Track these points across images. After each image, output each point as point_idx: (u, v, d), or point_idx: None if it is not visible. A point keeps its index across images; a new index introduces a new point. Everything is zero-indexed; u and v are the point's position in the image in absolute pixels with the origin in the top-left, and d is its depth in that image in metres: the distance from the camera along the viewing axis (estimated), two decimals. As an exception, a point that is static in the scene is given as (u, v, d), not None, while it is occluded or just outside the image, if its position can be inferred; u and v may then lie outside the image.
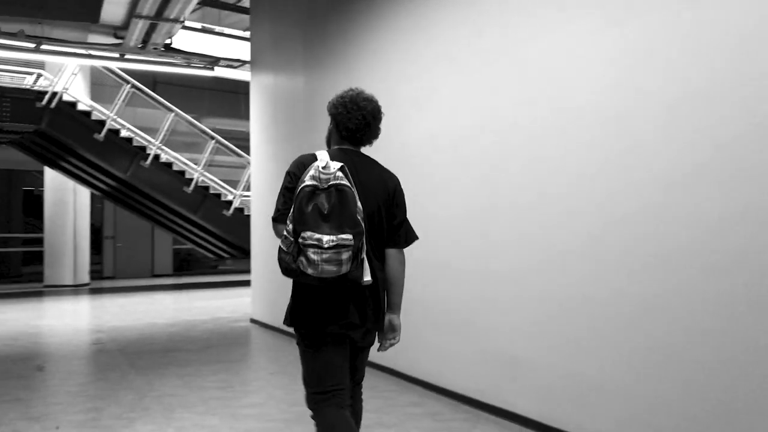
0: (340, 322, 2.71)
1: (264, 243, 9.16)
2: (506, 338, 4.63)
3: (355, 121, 2.89)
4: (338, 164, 2.63)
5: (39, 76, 13.18)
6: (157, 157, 13.60)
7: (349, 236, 2.53)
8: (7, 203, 18.17)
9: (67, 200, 15.07)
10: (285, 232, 2.63)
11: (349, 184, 2.60)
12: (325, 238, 2.49)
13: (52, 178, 15.05)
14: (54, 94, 12.43)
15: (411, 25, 5.78)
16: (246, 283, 16.40)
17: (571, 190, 4.11)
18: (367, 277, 2.67)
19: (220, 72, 11.31)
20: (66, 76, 12.61)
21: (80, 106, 12.97)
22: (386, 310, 2.90)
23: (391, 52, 6.10)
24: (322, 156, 2.67)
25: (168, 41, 9.53)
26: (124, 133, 13.37)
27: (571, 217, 4.10)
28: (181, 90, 17.35)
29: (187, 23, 11.90)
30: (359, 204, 2.62)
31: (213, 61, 10.46)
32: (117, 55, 9.81)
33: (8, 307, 11.31)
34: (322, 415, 2.75)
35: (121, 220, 17.85)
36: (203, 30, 12.38)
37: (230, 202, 14.43)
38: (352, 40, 6.79)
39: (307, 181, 2.58)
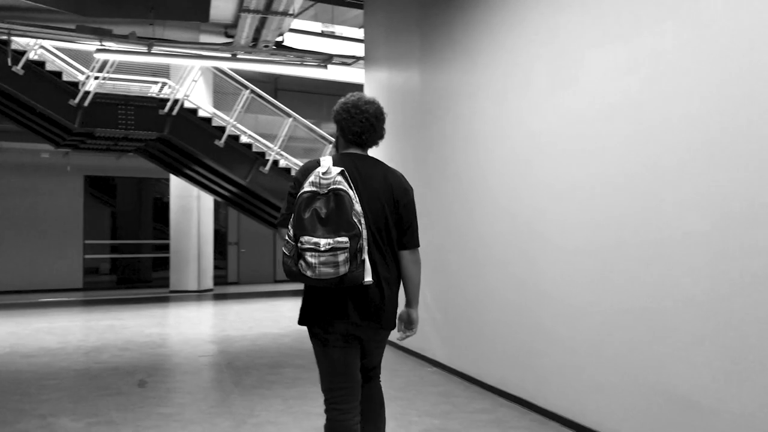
0: (342, 321, 2.79)
1: (380, 250, 8.42)
2: (682, 375, 3.57)
3: (359, 124, 2.94)
4: (338, 169, 2.70)
5: (164, 84, 13.15)
6: (276, 162, 13.26)
7: (345, 239, 2.58)
8: (138, 211, 18.56)
9: (191, 207, 15.05)
10: (287, 237, 2.70)
11: (346, 188, 2.65)
12: (322, 241, 2.57)
13: (176, 185, 15.07)
14: (175, 101, 12.31)
15: (546, 1, 4.83)
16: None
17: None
18: (368, 278, 2.70)
19: (334, 71, 10.71)
20: (187, 83, 12.48)
21: (201, 113, 12.81)
22: (406, 305, 3.07)
23: (523, 32, 5.16)
24: (325, 162, 2.74)
25: (279, 39, 9.00)
26: (243, 139, 13.13)
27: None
28: (301, 96, 17.05)
29: (299, 26, 11.45)
30: (357, 207, 2.67)
31: (326, 59, 9.87)
32: (229, 55, 9.41)
33: (130, 314, 11.21)
34: (328, 419, 2.86)
35: (245, 225, 17.77)
36: (314, 33, 11.87)
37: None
38: (473, 25, 5.90)
39: (306, 187, 2.67)
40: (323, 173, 2.68)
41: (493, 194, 5.62)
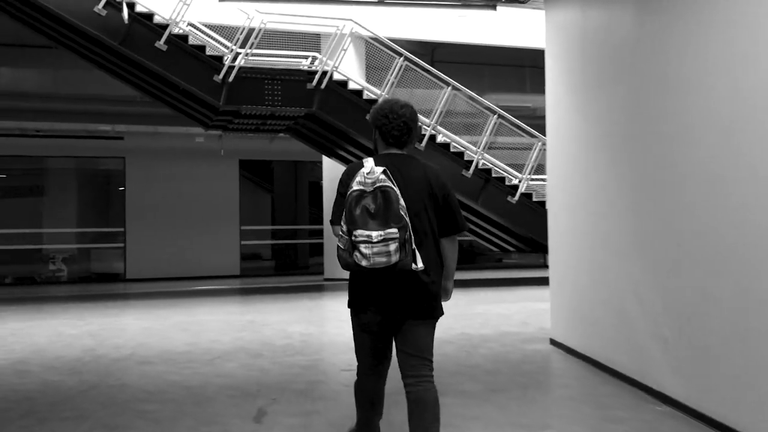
0: (385, 307, 2.96)
1: (567, 239, 6.27)
2: None
3: (398, 127, 3.07)
4: (381, 168, 2.87)
5: (314, 59, 11.67)
6: (432, 138, 11.42)
7: (395, 230, 2.77)
8: (294, 195, 17.48)
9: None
10: (340, 232, 2.90)
11: (390, 184, 2.83)
12: (374, 233, 2.76)
13: (329, 167, 13.70)
14: (324, 73, 10.81)
15: None
16: (534, 282, 13.60)
17: None
18: (420, 264, 2.87)
19: (502, 25, 8.60)
20: (336, 51, 10.94)
21: (351, 85, 11.23)
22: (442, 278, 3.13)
23: None
24: (368, 163, 2.91)
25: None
26: (398, 113, 11.40)
27: None
28: (461, 68, 15.02)
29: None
30: (402, 201, 2.83)
31: (495, -6, 7.79)
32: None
33: (277, 306, 9.83)
34: (359, 379, 3.21)
35: (401, 209, 16.14)
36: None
37: (515, 187, 11.75)
38: None
39: (355, 186, 2.84)
40: (367, 173, 2.84)
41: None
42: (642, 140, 4.82)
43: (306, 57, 11.63)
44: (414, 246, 2.84)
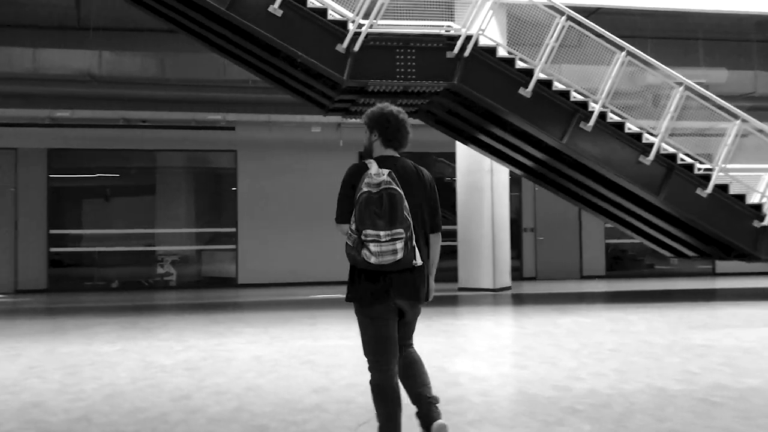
0: (389, 298, 3.02)
1: None
2: None
3: (399, 130, 3.15)
4: (386, 171, 2.98)
5: (450, 28, 9.41)
6: (603, 115, 8.89)
7: (400, 230, 2.91)
8: (417, 193, 15.30)
9: (482, 185, 11.19)
10: (349, 231, 2.98)
11: (396, 187, 2.94)
12: (382, 233, 2.89)
13: (464, 157, 11.39)
14: (468, 38, 8.54)
15: None
16: (706, 295, 10.75)
17: None
18: (418, 260, 3.01)
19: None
20: (482, 12, 8.63)
21: (501, 52, 8.88)
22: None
23: None
24: (373, 165, 3.00)
25: None
26: (557, 86, 8.94)
27: None
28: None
29: None
30: (406, 202, 2.95)
31: None
32: None
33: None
34: (374, 378, 3.10)
35: (542, 207, 13.57)
36: None
37: (706, 177, 9.01)
38: None
39: (364, 187, 2.94)
40: (374, 174, 2.94)
41: None
42: None
43: (441, 26, 9.42)
44: (414, 243, 2.96)
